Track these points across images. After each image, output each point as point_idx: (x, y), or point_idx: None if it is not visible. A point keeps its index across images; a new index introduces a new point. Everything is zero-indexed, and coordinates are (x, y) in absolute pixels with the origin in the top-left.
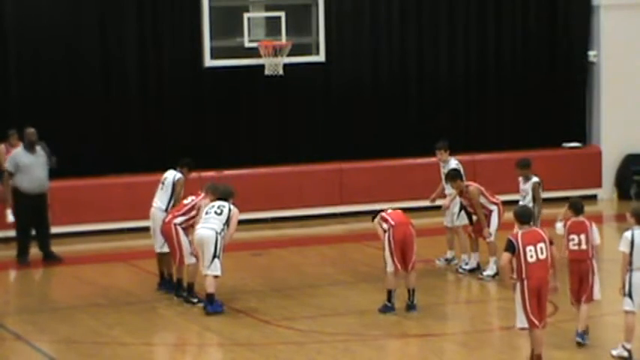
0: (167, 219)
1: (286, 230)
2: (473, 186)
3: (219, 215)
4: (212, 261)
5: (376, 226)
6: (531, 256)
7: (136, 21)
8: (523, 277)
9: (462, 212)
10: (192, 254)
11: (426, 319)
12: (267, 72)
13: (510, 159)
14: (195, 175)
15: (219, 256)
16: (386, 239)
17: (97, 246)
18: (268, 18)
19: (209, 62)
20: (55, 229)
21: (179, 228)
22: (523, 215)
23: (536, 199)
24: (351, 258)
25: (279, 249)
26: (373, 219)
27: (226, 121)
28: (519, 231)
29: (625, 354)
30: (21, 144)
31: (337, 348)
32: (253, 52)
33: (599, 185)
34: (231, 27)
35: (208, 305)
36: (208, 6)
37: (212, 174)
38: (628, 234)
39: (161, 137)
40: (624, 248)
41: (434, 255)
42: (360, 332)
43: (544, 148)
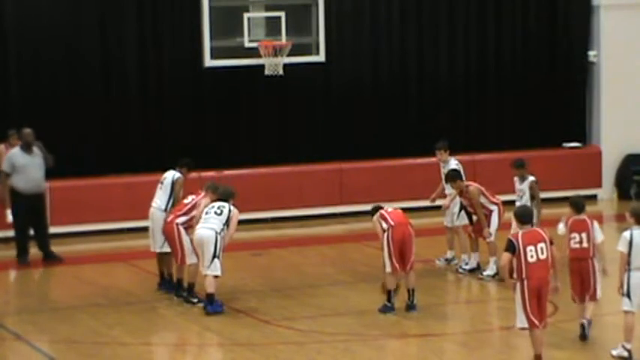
0: (169, 219)
1: (286, 230)
2: (473, 186)
3: (219, 215)
4: (212, 261)
5: (375, 224)
6: (532, 256)
7: (136, 21)
8: (523, 277)
9: (462, 212)
10: (193, 253)
11: (426, 319)
12: (267, 72)
13: (510, 159)
14: (195, 175)
15: (219, 256)
16: (385, 240)
17: (97, 246)
18: (268, 18)
19: (209, 62)
20: (55, 229)
21: (181, 228)
22: (523, 215)
23: (534, 198)
24: (351, 258)
25: (279, 249)
26: (372, 214)
27: (226, 121)
28: (520, 231)
29: (625, 354)
30: (19, 144)
31: (337, 348)
32: (253, 52)
33: (599, 185)
34: (231, 27)
35: (208, 305)
36: (208, 6)
37: (212, 174)
38: (627, 234)
39: (161, 137)
40: (622, 248)
41: (434, 255)
42: (360, 332)
43: (544, 148)
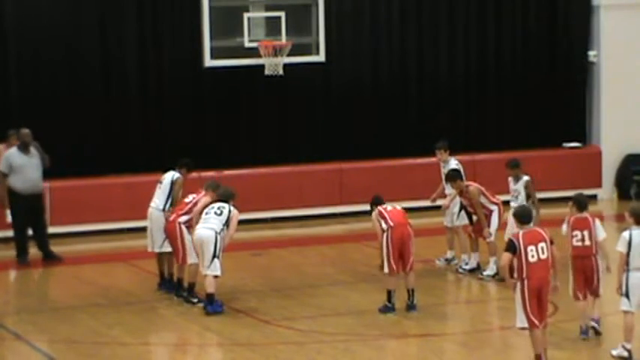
0: (171, 218)
1: (286, 230)
2: (473, 186)
3: (219, 216)
4: (212, 261)
5: (374, 222)
6: (532, 256)
7: (136, 21)
8: (524, 277)
9: (462, 212)
10: (195, 253)
11: (426, 319)
12: (267, 72)
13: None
14: (195, 175)
15: (218, 256)
16: (384, 240)
17: (97, 246)
18: (268, 18)
19: (209, 62)
20: (55, 229)
21: (183, 227)
22: (523, 215)
23: (531, 197)
24: (351, 258)
25: (279, 249)
26: (371, 205)
27: (226, 121)
28: (520, 231)
29: (625, 354)
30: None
31: (337, 348)
32: (253, 52)
33: (599, 185)
34: (231, 27)
35: (208, 305)
36: (208, 6)
37: (212, 174)
38: (626, 234)
39: (161, 137)
40: (621, 248)
41: (434, 255)
42: (360, 332)
43: (544, 148)
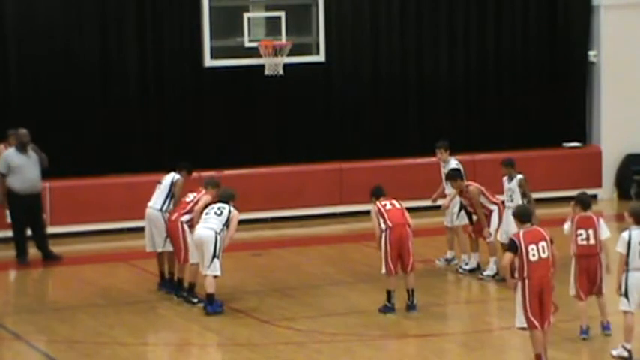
0: (173, 217)
1: (286, 230)
2: (473, 186)
3: (218, 216)
4: (212, 261)
5: (373, 219)
6: (533, 255)
7: (136, 21)
8: (524, 277)
9: (462, 212)
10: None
11: (426, 319)
12: (267, 72)
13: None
14: (195, 175)
15: (218, 256)
16: (382, 241)
17: (97, 246)
18: (268, 18)
19: (209, 62)
20: (55, 229)
21: (185, 226)
22: (523, 215)
23: (526, 195)
24: (351, 258)
25: (279, 249)
26: (371, 197)
27: (226, 121)
28: (520, 230)
29: (625, 354)
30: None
31: (337, 348)
32: (253, 52)
33: (599, 185)
34: (231, 27)
35: (208, 305)
36: (208, 6)
37: (212, 174)
38: (625, 234)
39: (161, 137)
40: (621, 249)
41: (434, 255)
42: (360, 332)
43: (544, 148)
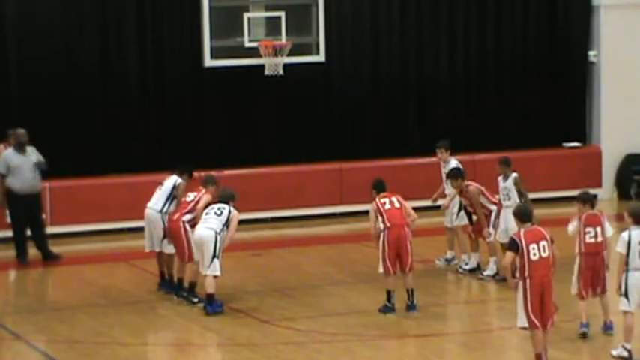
0: (175, 217)
1: (286, 230)
2: (473, 186)
3: (218, 216)
4: (212, 261)
5: (371, 216)
6: (534, 254)
7: (136, 21)
8: (526, 276)
9: (462, 212)
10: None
11: (426, 319)
12: (267, 72)
13: (510, 159)
14: (195, 175)
15: (218, 256)
16: (380, 241)
17: (97, 246)
18: (268, 18)
19: (209, 62)
20: (55, 229)
21: (187, 225)
22: (524, 214)
23: (522, 193)
24: (351, 258)
25: (279, 249)
26: (372, 190)
27: (226, 121)
28: (522, 229)
29: (625, 354)
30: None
31: (337, 348)
32: (253, 52)
33: (599, 185)
34: (231, 27)
35: (208, 305)
36: (208, 6)
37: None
38: (625, 234)
39: (161, 137)
40: (621, 249)
41: (434, 255)
42: (360, 332)
43: (544, 148)
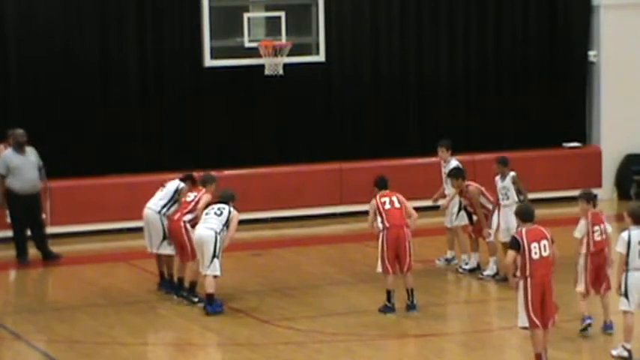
0: (175, 217)
1: (286, 230)
2: (473, 186)
3: (218, 216)
4: (212, 261)
5: (370, 211)
6: (535, 253)
7: (136, 21)
8: (527, 275)
9: (462, 212)
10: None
11: (426, 319)
12: (267, 72)
13: (510, 159)
14: (195, 175)
15: (218, 256)
16: (379, 241)
17: (97, 246)
18: (268, 18)
19: (209, 62)
20: (55, 229)
21: (188, 225)
22: (525, 213)
23: (521, 191)
24: (351, 258)
25: (279, 249)
26: (374, 187)
27: (226, 121)
28: (523, 229)
29: (625, 354)
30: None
31: (337, 348)
32: (253, 52)
33: (599, 185)
34: (231, 27)
35: (208, 305)
36: (208, 6)
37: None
38: (624, 234)
39: (161, 137)
40: (621, 249)
41: (434, 255)
42: (360, 332)
43: (544, 148)
